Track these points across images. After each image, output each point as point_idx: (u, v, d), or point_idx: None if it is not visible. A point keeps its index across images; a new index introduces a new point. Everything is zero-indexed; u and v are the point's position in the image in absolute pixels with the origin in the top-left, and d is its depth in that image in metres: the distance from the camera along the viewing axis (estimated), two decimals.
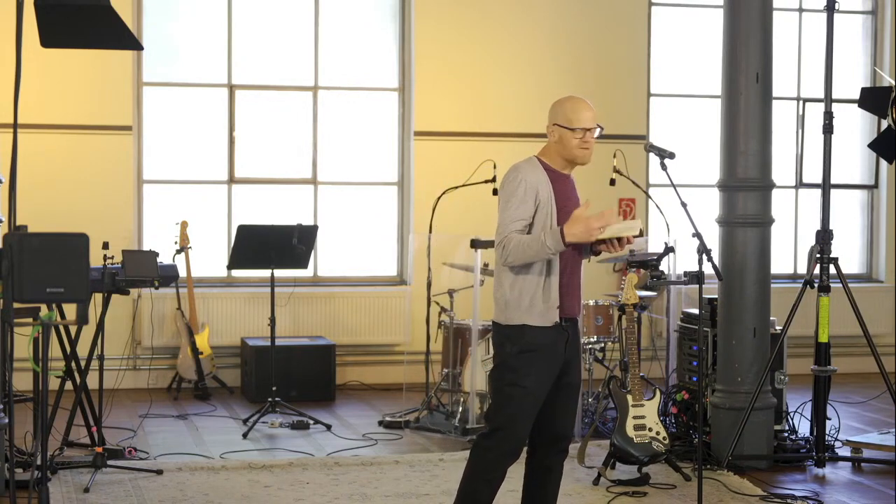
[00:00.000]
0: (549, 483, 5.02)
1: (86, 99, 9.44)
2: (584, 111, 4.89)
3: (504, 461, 4.88)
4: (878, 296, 10.73)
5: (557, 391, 4.90)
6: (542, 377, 4.82)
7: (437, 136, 10.05)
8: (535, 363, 4.81)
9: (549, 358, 4.83)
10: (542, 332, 4.81)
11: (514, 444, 4.87)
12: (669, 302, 8.54)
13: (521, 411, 4.83)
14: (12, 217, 5.63)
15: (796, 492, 6.63)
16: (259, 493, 6.42)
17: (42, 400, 5.36)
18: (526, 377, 4.81)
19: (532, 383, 4.81)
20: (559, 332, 4.85)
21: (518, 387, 4.81)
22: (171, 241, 9.27)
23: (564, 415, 4.98)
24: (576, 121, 4.86)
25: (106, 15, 5.99)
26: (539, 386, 4.82)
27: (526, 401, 4.82)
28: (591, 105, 4.95)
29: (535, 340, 4.81)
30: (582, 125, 4.86)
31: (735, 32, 7.27)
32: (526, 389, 4.81)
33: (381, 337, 9.96)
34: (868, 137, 10.26)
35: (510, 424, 4.84)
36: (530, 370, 4.81)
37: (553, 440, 4.98)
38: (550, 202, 4.83)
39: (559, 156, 4.91)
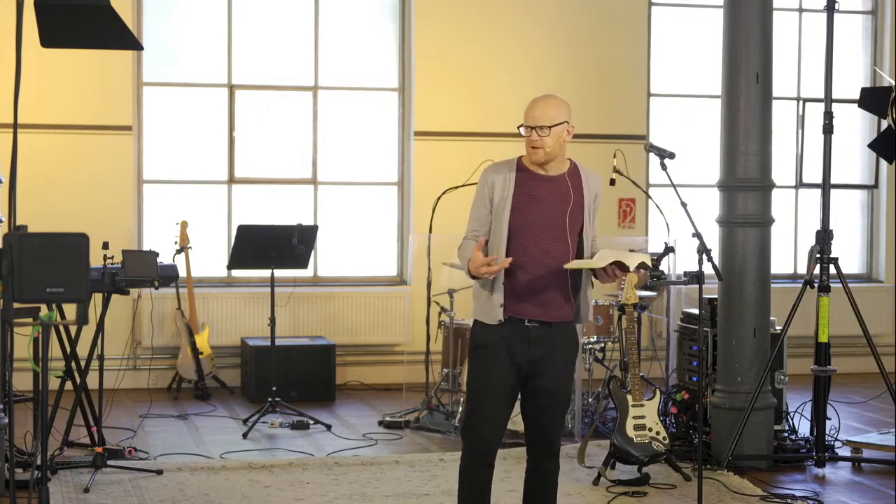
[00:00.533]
0: (544, 489, 4.92)
1: (86, 99, 9.44)
2: (533, 109, 4.84)
3: (473, 464, 4.82)
4: (878, 296, 10.74)
5: (532, 395, 4.82)
6: (491, 376, 4.76)
7: (437, 136, 10.05)
8: (483, 361, 4.80)
9: (498, 356, 4.76)
10: (488, 330, 4.79)
11: (477, 445, 4.81)
12: (669, 302, 8.54)
13: (477, 410, 4.82)
14: (12, 217, 5.64)
15: (796, 492, 6.63)
16: (259, 493, 6.42)
17: (42, 400, 5.36)
18: (477, 374, 4.82)
19: (482, 380, 4.79)
20: (513, 331, 4.75)
21: (473, 385, 4.85)
22: (171, 241, 9.27)
23: (543, 420, 4.83)
24: (527, 118, 4.84)
25: (106, 15, 5.99)
26: (489, 384, 4.77)
27: (479, 399, 4.80)
28: (553, 103, 4.86)
29: (482, 337, 4.81)
30: (526, 123, 4.83)
31: (735, 32, 7.27)
32: (478, 387, 4.81)
33: (381, 337, 9.96)
34: (868, 137, 10.26)
35: (469, 424, 4.86)
36: (480, 367, 4.81)
37: (538, 446, 4.88)
38: (506, 201, 4.78)
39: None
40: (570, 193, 4.81)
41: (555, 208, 4.78)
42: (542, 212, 4.76)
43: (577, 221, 4.80)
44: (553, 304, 4.78)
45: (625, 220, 10.31)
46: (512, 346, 4.76)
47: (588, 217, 4.84)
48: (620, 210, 10.26)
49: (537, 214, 4.76)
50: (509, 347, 4.76)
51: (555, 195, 4.80)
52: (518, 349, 4.76)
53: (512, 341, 4.76)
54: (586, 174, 4.90)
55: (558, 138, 4.84)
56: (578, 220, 4.81)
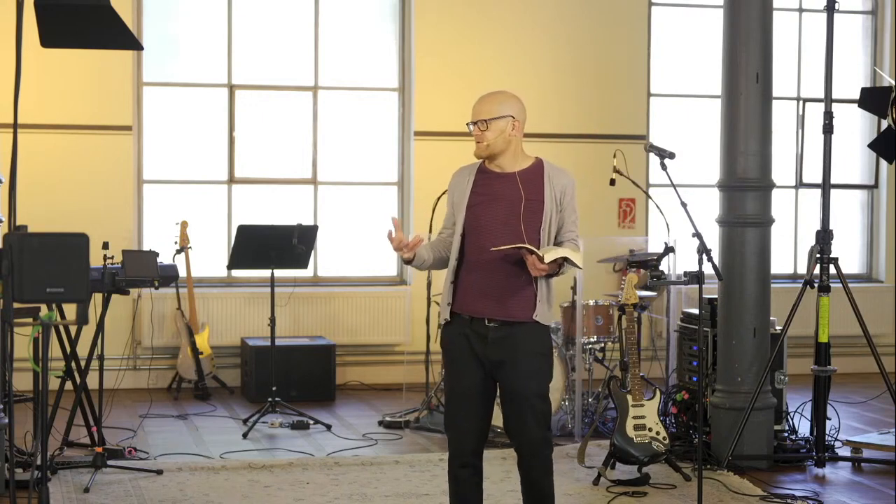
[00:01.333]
0: (534, 491, 4.88)
1: (86, 99, 9.44)
2: (477, 103, 4.88)
3: (450, 465, 4.86)
4: (878, 296, 10.73)
5: (505, 399, 4.82)
6: (458, 375, 4.83)
7: (437, 136, 10.05)
8: (448, 360, 4.89)
9: (462, 356, 4.80)
10: (449, 329, 4.85)
11: (451, 445, 4.86)
12: (669, 302, 8.54)
13: (447, 410, 4.91)
14: (12, 217, 5.64)
15: (796, 492, 6.63)
16: (259, 493, 6.42)
17: (42, 400, 5.36)
18: (446, 374, 4.94)
19: (449, 380, 4.89)
20: (472, 330, 4.76)
21: (445, 384, 4.96)
22: (171, 241, 9.27)
23: (512, 420, 4.81)
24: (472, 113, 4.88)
25: (106, 15, 5.99)
26: (456, 384, 4.83)
27: (449, 398, 4.89)
28: (497, 98, 4.84)
29: (444, 336, 4.89)
30: (469, 119, 4.88)
31: (735, 32, 7.27)
32: (447, 387, 4.92)
33: (381, 337, 9.96)
34: (868, 137, 10.26)
35: (445, 425, 4.95)
36: (448, 367, 4.90)
37: (516, 445, 4.87)
38: (462, 201, 4.85)
39: None
40: (520, 191, 4.77)
41: (509, 206, 4.77)
42: (495, 211, 4.77)
43: (534, 219, 4.76)
44: (512, 302, 4.75)
45: (625, 220, 10.31)
46: (473, 345, 4.78)
47: (552, 214, 4.78)
48: (620, 210, 10.26)
49: (490, 213, 4.77)
50: (471, 347, 4.78)
51: (509, 193, 4.80)
52: (479, 348, 4.77)
53: (473, 340, 4.78)
54: (550, 171, 4.85)
55: (500, 132, 4.83)
56: (536, 217, 4.76)
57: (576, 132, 10.09)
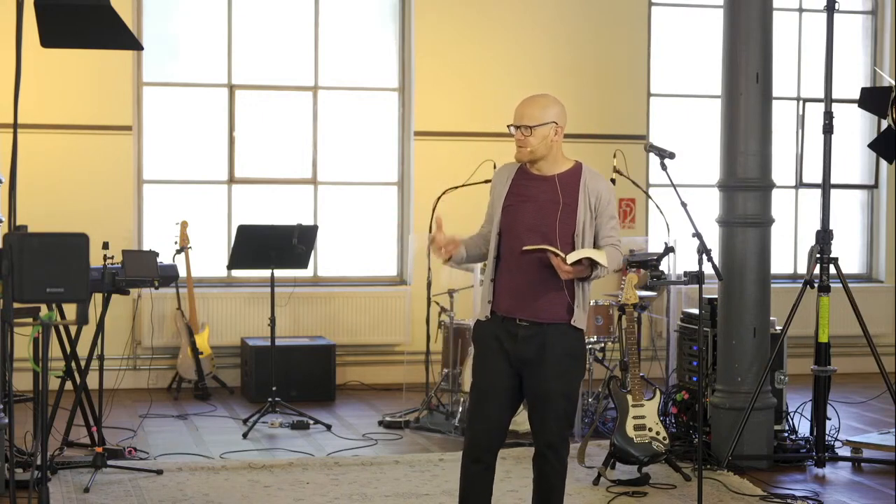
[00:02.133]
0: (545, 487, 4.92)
1: (86, 99, 9.44)
2: (521, 107, 4.86)
3: (464, 460, 4.89)
4: (878, 296, 10.73)
5: (531, 400, 4.87)
6: (484, 373, 4.85)
7: (437, 136, 10.05)
8: (478, 357, 4.91)
9: (487, 353, 4.85)
10: (481, 326, 4.90)
11: (469, 444, 4.87)
12: (669, 302, 8.54)
13: (470, 406, 4.93)
14: (12, 217, 5.64)
15: (796, 492, 6.63)
16: (259, 493, 6.42)
17: (42, 400, 5.36)
18: (474, 370, 4.93)
19: (476, 377, 4.90)
20: (504, 329, 4.80)
21: (472, 380, 4.94)
22: (171, 241, 9.27)
23: (539, 423, 4.86)
24: (513, 117, 4.87)
25: (106, 15, 5.99)
26: (482, 381, 4.85)
27: (473, 395, 4.90)
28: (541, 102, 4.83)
29: (475, 333, 4.94)
30: (513, 121, 4.86)
31: (735, 32, 7.27)
32: (473, 383, 4.92)
33: (381, 337, 9.96)
34: (868, 137, 10.26)
35: (467, 421, 4.96)
36: (476, 364, 4.91)
37: (537, 448, 4.91)
38: (499, 200, 4.88)
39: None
40: (559, 194, 4.80)
41: (544, 209, 4.80)
42: (530, 213, 4.79)
43: (569, 223, 4.78)
44: (543, 304, 4.79)
45: (625, 220, 10.31)
46: (504, 343, 4.81)
47: (586, 219, 4.80)
48: (620, 210, 10.25)
49: (525, 215, 4.79)
50: (502, 346, 4.82)
51: (545, 196, 4.82)
52: (509, 347, 4.81)
53: (503, 339, 4.81)
54: (587, 175, 4.87)
55: (544, 138, 4.82)
56: (570, 221, 4.79)
57: (576, 132, 10.01)
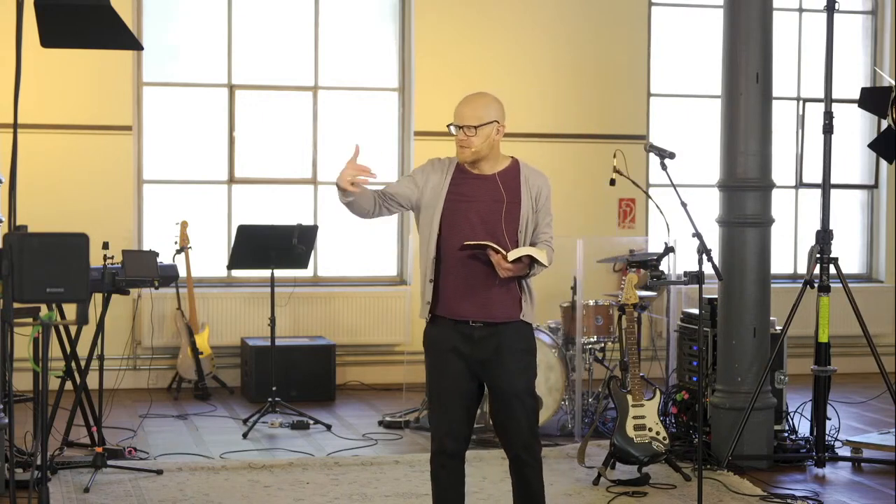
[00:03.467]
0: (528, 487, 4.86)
1: (86, 99, 9.44)
2: (462, 107, 4.86)
3: (434, 461, 4.85)
4: (878, 296, 10.73)
5: (494, 400, 4.83)
6: (437, 375, 4.80)
7: (437, 136, 10.01)
8: (429, 360, 4.84)
9: (443, 357, 4.78)
10: (434, 330, 4.81)
11: (435, 443, 4.83)
12: (669, 302, 8.54)
13: (434, 413, 4.85)
14: (12, 217, 5.64)
15: (796, 492, 6.63)
16: (259, 493, 6.42)
17: (42, 400, 5.36)
18: (429, 377, 4.85)
19: (433, 382, 4.83)
20: (458, 331, 4.74)
21: (428, 385, 4.88)
22: (171, 241, 9.27)
23: (513, 425, 4.80)
24: (454, 117, 4.86)
25: (106, 15, 5.99)
26: (440, 385, 4.79)
27: (434, 401, 4.83)
28: (483, 102, 4.85)
29: (429, 338, 4.84)
30: (454, 121, 4.84)
31: (735, 32, 7.27)
32: (431, 390, 4.85)
33: (381, 337, 9.96)
34: (868, 137, 10.26)
35: (432, 428, 4.89)
36: (430, 370, 4.84)
37: (507, 451, 4.86)
38: (437, 201, 4.82)
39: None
40: (502, 192, 4.78)
41: (488, 207, 4.76)
42: (472, 212, 4.75)
43: (512, 221, 4.76)
44: (494, 303, 4.75)
45: (625, 220, 10.31)
46: (459, 346, 4.76)
47: (529, 216, 4.78)
48: (620, 210, 10.26)
49: (468, 214, 4.75)
50: (457, 348, 4.76)
51: (487, 195, 4.79)
52: (465, 350, 4.76)
53: (458, 341, 4.76)
54: (527, 172, 4.85)
55: (487, 137, 4.83)
56: (514, 219, 4.76)
57: (576, 132, 10.09)
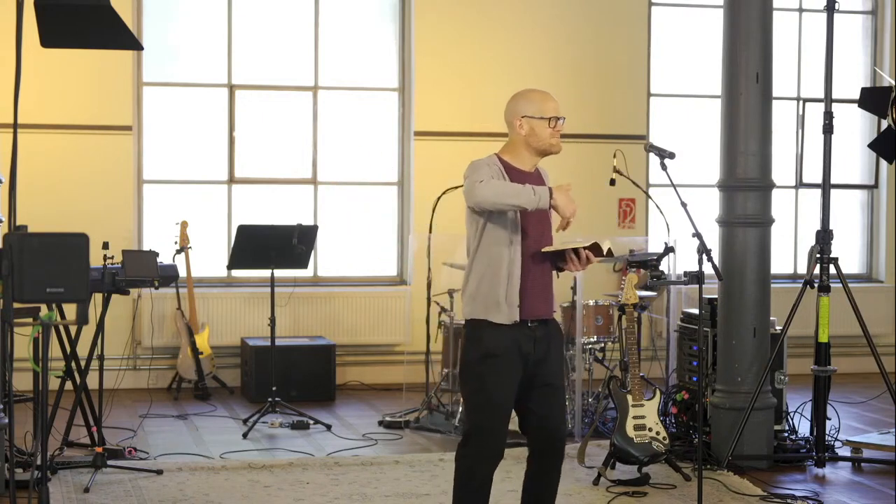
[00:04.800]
0: (546, 488, 4.90)
1: (86, 99, 9.44)
2: (551, 101, 4.85)
3: (481, 467, 4.79)
4: (878, 296, 10.73)
5: (536, 394, 4.80)
6: (504, 381, 4.73)
7: (437, 136, 10.05)
8: (495, 369, 4.72)
9: (510, 361, 4.72)
10: (500, 333, 4.71)
11: (488, 450, 4.78)
12: (669, 302, 8.54)
13: (489, 418, 4.76)
14: (12, 217, 5.64)
15: (796, 492, 6.63)
16: (259, 493, 6.42)
17: (42, 400, 5.35)
18: (488, 383, 4.73)
19: (494, 389, 4.73)
20: (522, 333, 4.74)
21: (482, 393, 4.74)
22: (171, 241, 9.27)
23: (549, 417, 4.81)
24: (547, 110, 4.80)
25: (106, 15, 5.99)
26: (502, 391, 4.73)
27: (491, 406, 4.75)
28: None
29: (494, 343, 4.72)
30: (553, 114, 4.81)
31: (735, 32, 7.27)
32: (489, 395, 4.73)
33: (381, 337, 9.96)
34: (868, 137, 10.26)
35: (480, 432, 4.79)
36: (491, 377, 4.73)
37: (544, 445, 4.86)
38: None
39: (528, 149, 4.82)
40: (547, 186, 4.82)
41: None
42: (536, 210, 4.75)
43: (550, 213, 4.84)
44: (549, 299, 4.83)
45: (625, 220, 10.31)
46: (522, 349, 4.74)
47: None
48: (620, 210, 10.26)
49: (533, 213, 4.76)
50: (520, 351, 4.74)
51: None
52: (527, 350, 4.75)
53: (522, 345, 4.74)
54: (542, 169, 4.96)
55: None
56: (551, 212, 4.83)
57: (576, 132, 10.06)
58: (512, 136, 4.88)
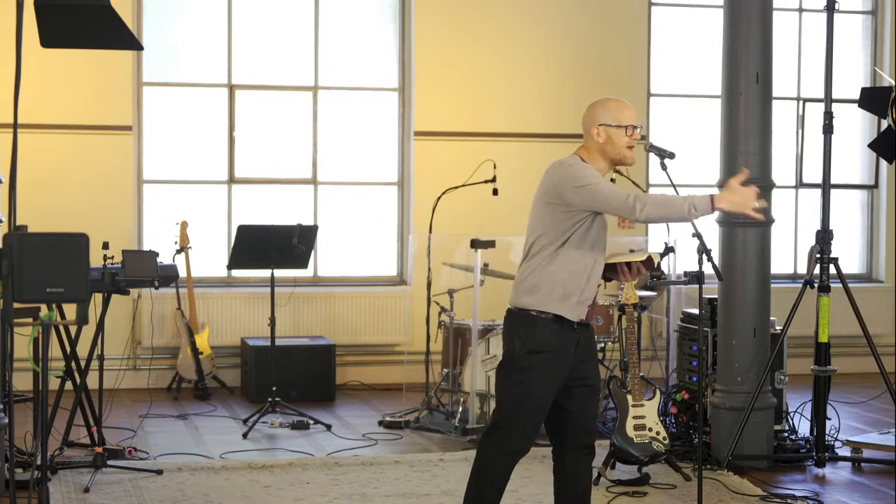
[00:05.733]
0: (585, 484, 4.93)
1: (86, 99, 9.44)
2: (628, 109, 4.91)
3: (504, 460, 4.82)
4: (878, 296, 10.73)
5: (574, 394, 4.83)
6: (549, 379, 4.75)
7: (437, 136, 10.05)
8: (544, 365, 4.74)
9: (559, 360, 4.76)
10: (552, 330, 4.73)
11: (516, 444, 4.80)
12: (669, 302, 8.54)
13: (525, 413, 4.77)
14: (12, 217, 5.64)
15: (796, 492, 6.63)
16: (259, 493, 6.42)
17: (42, 400, 5.36)
18: (533, 378, 4.74)
19: (538, 385, 4.74)
20: (571, 332, 4.78)
21: (524, 386, 4.75)
22: (171, 241, 9.27)
23: (585, 417, 4.88)
24: (624, 119, 4.86)
25: (106, 15, 5.99)
26: (545, 388, 4.75)
27: (530, 402, 4.75)
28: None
29: (545, 339, 4.73)
30: (630, 122, 4.86)
31: (735, 32, 7.27)
32: (531, 390, 4.74)
33: (381, 337, 9.96)
34: (868, 137, 10.26)
35: (512, 424, 4.80)
36: (538, 372, 4.74)
37: (579, 444, 4.89)
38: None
39: (604, 157, 4.87)
40: None
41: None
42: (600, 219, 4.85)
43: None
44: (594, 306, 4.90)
45: (625, 221, 10.28)
46: (569, 348, 4.79)
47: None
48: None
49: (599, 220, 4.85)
50: (567, 350, 4.79)
51: None
52: (572, 351, 4.80)
53: (568, 345, 4.79)
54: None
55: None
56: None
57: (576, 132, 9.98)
58: (587, 143, 4.94)
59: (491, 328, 7.95)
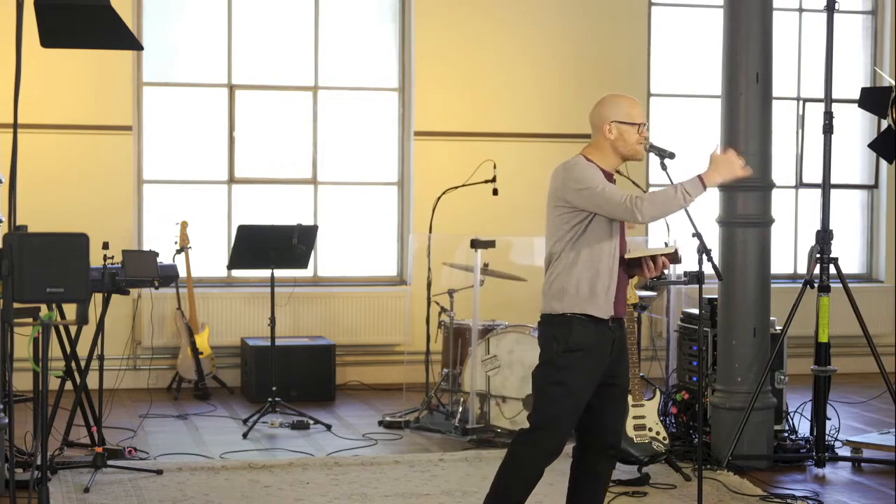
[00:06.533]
0: (599, 488, 4.96)
1: (86, 99, 9.44)
2: (638, 106, 4.93)
3: (540, 460, 4.84)
4: (878, 296, 10.73)
5: (607, 394, 4.86)
6: (586, 378, 4.78)
7: (437, 136, 10.05)
8: (581, 363, 4.77)
9: (595, 358, 4.79)
10: (588, 329, 4.76)
11: (553, 444, 4.82)
12: (669, 302, 8.54)
13: (563, 412, 4.80)
14: (12, 217, 5.64)
15: (796, 492, 6.63)
16: (259, 493, 6.42)
17: (42, 400, 5.36)
18: (571, 377, 4.77)
19: (576, 384, 4.77)
20: (607, 331, 4.81)
21: (563, 386, 4.77)
22: (171, 241, 9.27)
23: (615, 419, 4.92)
24: (635, 116, 4.87)
25: (106, 15, 5.99)
26: (583, 387, 4.78)
27: (568, 401, 4.78)
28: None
29: (581, 338, 4.76)
30: (641, 120, 4.89)
31: (735, 32, 7.27)
32: (569, 390, 4.77)
33: (381, 337, 9.96)
34: (868, 137, 10.26)
35: (550, 425, 4.81)
36: (576, 370, 4.77)
37: (604, 445, 4.92)
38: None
39: (614, 154, 4.89)
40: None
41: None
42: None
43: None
44: (625, 300, 4.92)
45: None
46: (605, 346, 4.81)
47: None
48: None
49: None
50: (604, 348, 4.81)
51: None
52: (608, 350, 4.82)
53: (605, 341, 4.81)
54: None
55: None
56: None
57: (576, 132, 10.06)
58: (597, 140, 4.92)
59: (491, 328, 7.95)
